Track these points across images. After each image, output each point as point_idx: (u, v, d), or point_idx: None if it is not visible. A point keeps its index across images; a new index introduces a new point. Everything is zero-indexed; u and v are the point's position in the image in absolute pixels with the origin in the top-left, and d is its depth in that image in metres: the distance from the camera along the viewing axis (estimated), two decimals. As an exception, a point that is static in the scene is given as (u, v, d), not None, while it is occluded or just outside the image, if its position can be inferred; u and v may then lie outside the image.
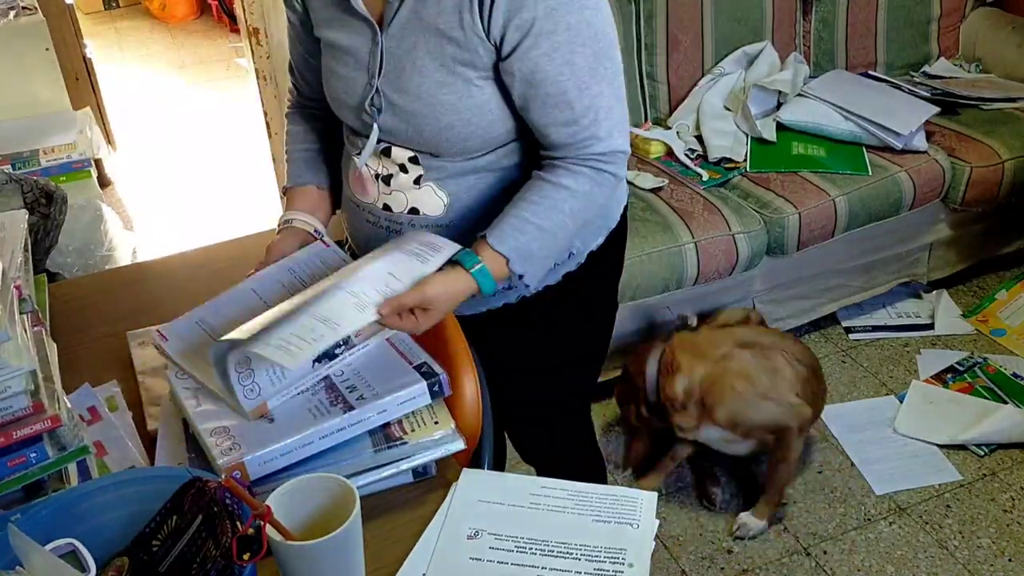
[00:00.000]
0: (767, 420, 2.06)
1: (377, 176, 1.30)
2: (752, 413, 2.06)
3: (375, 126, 1.25)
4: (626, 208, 1.47)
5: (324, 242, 1.34)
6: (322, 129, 1.44)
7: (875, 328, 2.79)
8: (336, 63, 1.27)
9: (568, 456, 1.72)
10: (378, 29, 1.21)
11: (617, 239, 1.46)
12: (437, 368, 1.11)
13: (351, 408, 1.06)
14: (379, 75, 1.22)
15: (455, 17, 1.15)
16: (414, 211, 1.30)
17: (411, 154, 1.26)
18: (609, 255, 1.46)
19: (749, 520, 2.12)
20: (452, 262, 1.18)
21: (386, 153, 1.28)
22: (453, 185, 1.27)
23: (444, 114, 1.20)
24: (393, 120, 1.24)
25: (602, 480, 1.81)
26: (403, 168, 1.28)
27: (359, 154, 1.30)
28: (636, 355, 2.22)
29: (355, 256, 1.35)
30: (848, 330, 2.79)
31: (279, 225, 1.37)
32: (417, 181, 1.27)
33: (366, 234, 1.37)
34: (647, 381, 2.14)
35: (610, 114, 1.20)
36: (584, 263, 1.40)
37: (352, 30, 1.23)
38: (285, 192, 1.43)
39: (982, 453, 2.31)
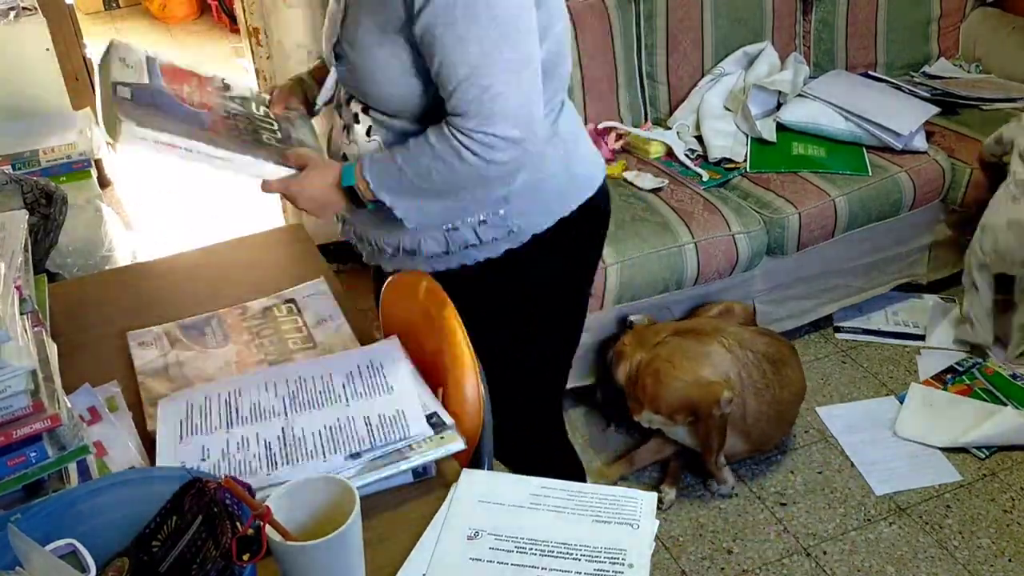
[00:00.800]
0: (678, 399, 2.12)
1: (344, 127, 1.40)
2: (666, 394, 2.12)
3: (333, 71, 1.38)
4: (597, 203, 1.48)
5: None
6: None
7: (866, 331, 2.79)
8: (328, 10, 1.39)
9: (537, 453, 1.70)
10: None
11: (577, 230, 1.46)
12: (447, 419, 1.13)
13: (358, 455, 1.08)
14: (342, 26, 1.32)
15: None
16: None
17: (362, 105, 1.36)
18: (565, 244, 1.46)
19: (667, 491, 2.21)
20: None
21: (347, 102, 1.39)
22: (395, 141, 1.33)
23: (376, 71, 1.28)
24: (344, 70, 1.35)
25: (580, 478, 1.80)
26: (356, 118, 1.37)
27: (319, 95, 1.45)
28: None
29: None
30: (837, 329, 2.79)
31: (293, 77, 1.55)
32: (368, 132, 1.36)
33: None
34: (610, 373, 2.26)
35: (500, 99, 1.21)
36: (530, 244, 1.41)
37: None
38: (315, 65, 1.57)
39: (983, 456, 2.31)
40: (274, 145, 1.36)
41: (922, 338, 2.75)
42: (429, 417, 1.13)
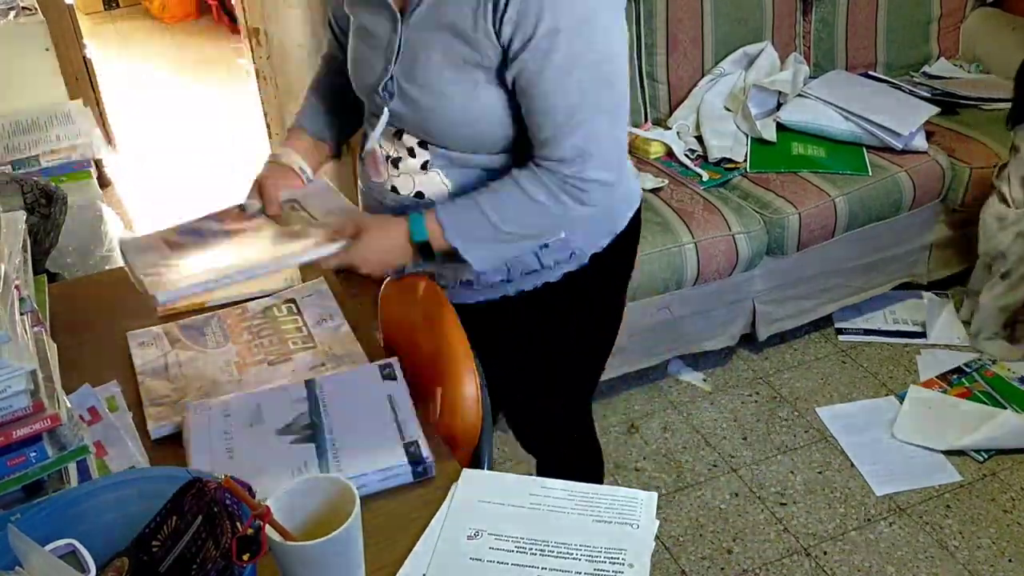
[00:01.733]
0: None
1: (388, 158, 1.33)
2: None
3: (386, 110, 1.28)
4: (638, 213, 1.49)
5: (305, 179, 1.39)
6: (343, 84, 1.42)
7: (867, 331, 2.79)
8: (359, 42, 1.30)
9: (566, 449, 1.73)
10: (399, 17, 1.22)
11: (625, 243, 1.47)
12: (426, 452, 1.12)
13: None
14: (395, 62, 1.24)
15: (471, 18, 1.16)
16: (419, 195, 1.32)
17: (419, 139, 1.29)
18: (616, 258, 1.46)
19: None
20: None
21: (397, 136, 1.31)
22: (458, 175, 1.29)
23: (449, 110, 1.22)
24: (402, 107, 1.26)
25: (599, 476, 1.82)
26: (411, 152, 1.30)
27: (372, 133, 1.33)
28: None
29: None
30: (839, 331, 2.78)
31: (267, 160, 1.41)
32: (424, 166, 1.30)
33: (381, 207, 1.39)
34: None
35: (596, 142, 1.19)
36: (588, 264, 1.41)
37: (377, 13, 1.25)
38: (289, 130, 1.48)
39: (981, 459, 2.30)
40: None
41: (923, 335, 2.76)
42: (408, 446, 1.13)
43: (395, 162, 1.32)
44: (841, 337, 2.76)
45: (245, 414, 1.18)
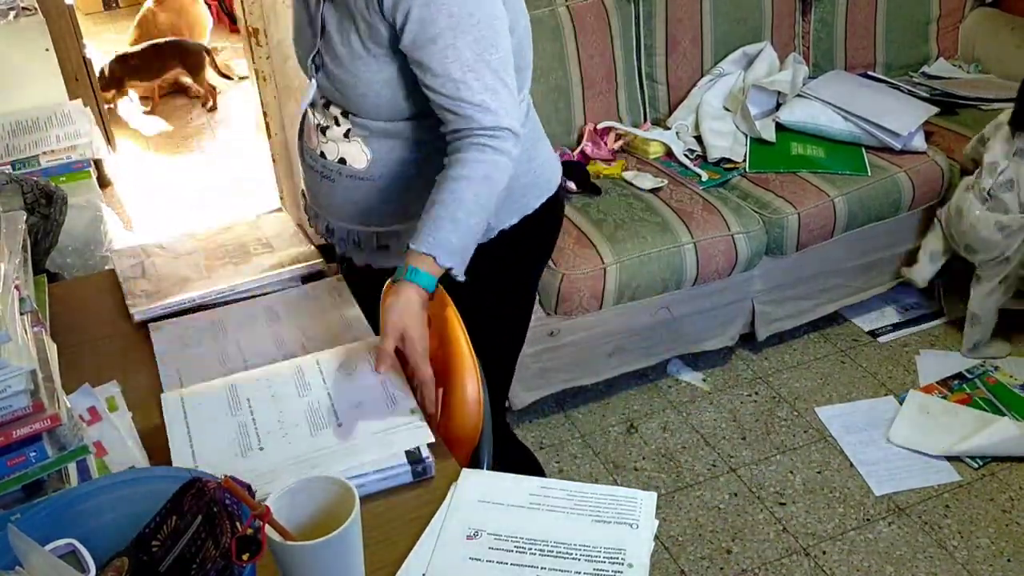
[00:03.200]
0: None
1: (318, 125, 1.43)
2: None
3: (313, 81, 1.39)
4: (555, 205, 1.54)
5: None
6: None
7: (896, 327, 2.80)
8: (298, 17, 1.42)
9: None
10: None
11: (538, 228, 1.53)
12: (425, 452, 1.12)
13: None
14: (320, 37, 1.35)
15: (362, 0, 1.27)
16: (342, 161, 1.41)
17: (343, 109, 1.38)
18: (526, 239, 1.52)
19: None
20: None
21: (326, 106, 1.41)
22: (376, 143, 1.38)
23: (359, 83, 1.32)
24: (325, 80, 1.37)
25: (539, 471, 1.85)
26: (336, 121, 1.40)
27: (304, 101, 1.44)
28: None
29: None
30: (873, 334, 2.78)
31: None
32: (347, 135, 1.39)
33: (307, 177, 1.51)
34: None
35: (496, 96, 1.26)
36: (496, 238, 1.47)
37: None
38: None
39: (976, 466, 2.29)
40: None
41: (941, 314, 2.82)
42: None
43: (323, 130, 1.42)
44: (881, 339, 2.76)
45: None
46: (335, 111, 1.39)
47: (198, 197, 3.75)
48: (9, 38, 2.82)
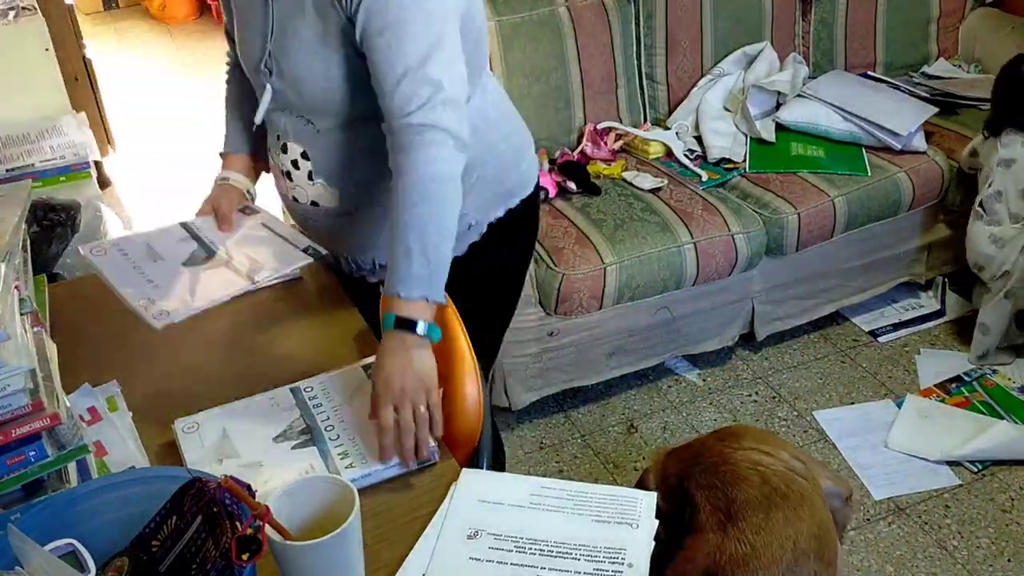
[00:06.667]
0: None
1: (284, 172, 1.40)
2: None
3: (268, 87, 1.34)
4: (534, 201, 1.56)
5: (250, 208, 1.47)
6: (251, 91, 1.46)
7: (896, 327, 2.80)
8: (240, 23, 1.36)
9: None
10: None
11: (523, 222, 1.55)
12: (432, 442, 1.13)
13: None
14: (271, 39, 1.30)
15: None
16: (315, 204, 1.40)
17: (301, 150, 1.35)
18: (515, 231, 1.54)
19: None
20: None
21: (283, 150, 1.38)
22: (339, 180, 1.36)
23: (318, 79, 1.27)
24: (281, 82, 1.32)
25: (501, 467, 1.87)
26: (295, 164, 1.37)
27: (259, 110, 1.38)
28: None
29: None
30: (873, 334, 2.78)
31: (216, 182, 1.49)
32: (310, 176, 1.37)
33: (292, 214, 1.50)
34: None
35: (438, 91, 1.20)
36: (487, 232, 1.47)
37: None
38: (222, 156, 1.54)
39: (975, 470, 2.29)
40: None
41: (942, 314, 2.82)
42: None
43: (287, 175, 1.39)
44: (881, 339, 2.76)
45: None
46: (294, 152, 1.36)
47: (199, 197, 3.75)
48: (9, 38, 2.82)
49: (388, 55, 1.19)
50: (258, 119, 1.38)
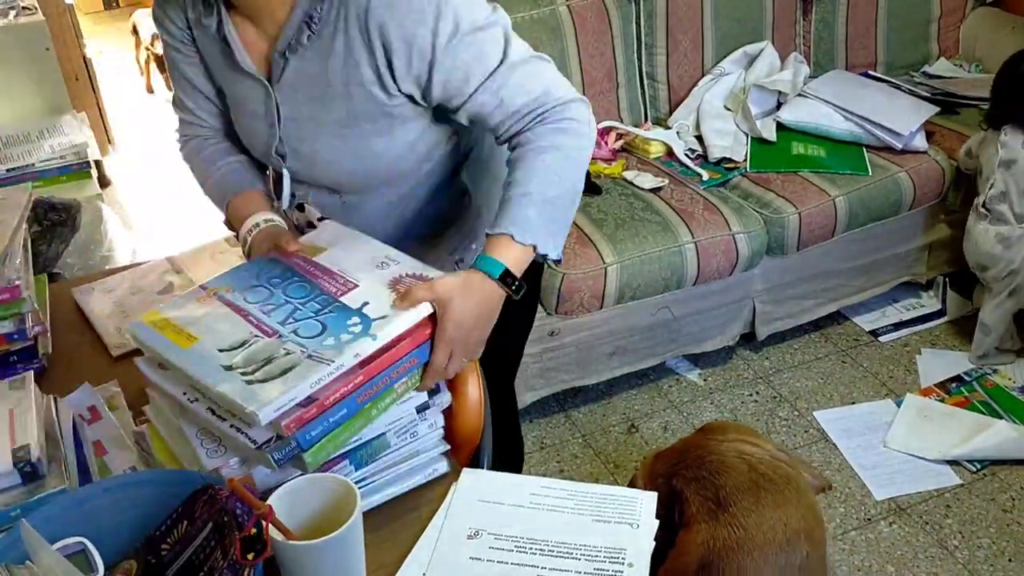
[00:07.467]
0: None
1: (298, 227, 1.33)
2: None
3: (285, 171, 1.28)
4: None
5: (312, 223, 1.31)
6: (232, 147, 1.39)
7: (897, 326, 2.80)
8: (239, 113, 1.30)
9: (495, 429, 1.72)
10: (269, 85, 1.22)
11: None
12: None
13: None
14: (279, 126, 1.25)
15: (351, 73, 1.16)
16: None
17: (319, 215, 1.30)
18: None
19: None
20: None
21: (299, 209, 1.32)
22: (364, 223, 1.26)
23: (344, 160, 1.23)
24: (298, 164, 1.27)
25: (519, 463, 1.88)
26: (311, 224, 1.30)
27: (280, 200, 1.31)
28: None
29: None
30: (874, 334, 2.78)
31: (247, 234, 1.26)
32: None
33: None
34: None
35: (539, 79, 1.19)
36: None
37: (246, 85, 1.24)
38: (228, 209, 1.34)
39: (974, 469, 2.29)
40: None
41: (943, 314, 2.82)
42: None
43: (300, 230, 1.32)
44: (882, 338, 2.76)
45: None
46: (312, 215, 1.29)
47: (199, 196, 3.75)
48: (9, 38, 2.82)
49: (473, 72, 1.15)
50: (284, 206, 1.30)
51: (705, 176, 2.62)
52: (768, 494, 1.60)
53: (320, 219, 1.29)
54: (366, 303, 1.04)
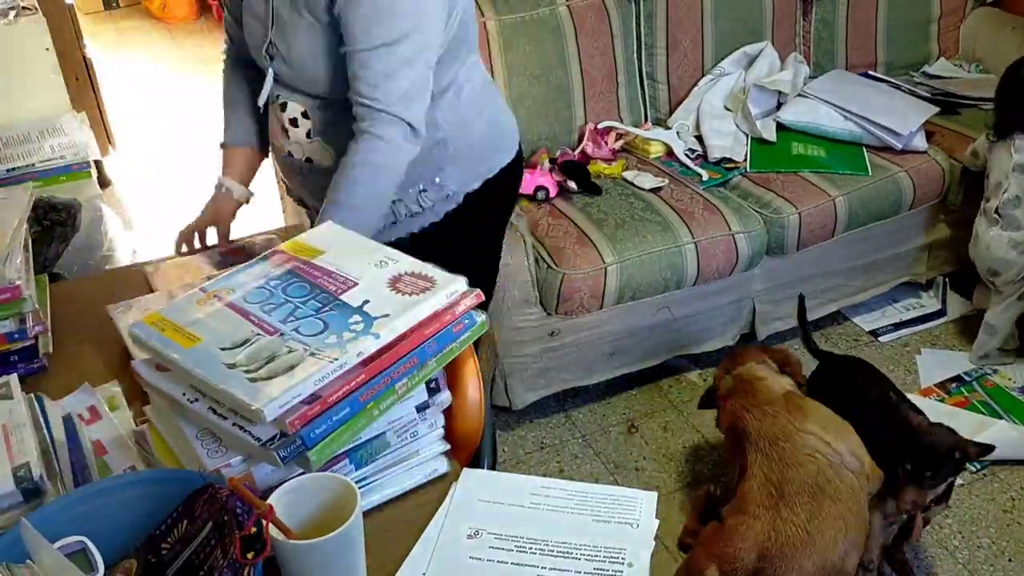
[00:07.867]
0: None
1: (282, 128, 1.51)
2: None
3: (270, 70, 1.47)
4: (514, 166, 1.67)
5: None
6: (252, 77, 1.60)
7: (897, 326, 2.80)
8: (247, 15, 1.49)
9: None
10: None
11: (501, 188, 1.66)
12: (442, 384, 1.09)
13: None
14: (271, 27, 1.44)
15: None
16: (309, 160, 1.52)
17: (302, 109, 1.47)
18: (491, 198, 1.64)
19: None
20: None
21: (282, 108, 1.49)
22: (337, 140, 1.45)
23: (316, 59, 1.40)
24: (282, 66, 1.45)
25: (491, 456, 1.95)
26: (295, 122, 1.48)
27: (262, 93, 1.51)
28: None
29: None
30: (874, 334, 2.78)
31: (216, 188, 1.64)
32: (308, 135, 1.48)
33: (282, 168, 1.62)
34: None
35: (393, 80, 1.35)
36: (463, 202, 1.59)
37: None
38: (222, 147, 1.67)
39: (974, 469, 2.29)
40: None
41: (943, 314, 2.82)
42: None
43: (285, 132, 1.50)
44: (882, 338, 2.76)
45: None
46: (293, 112, 1.47)
47: (200, 196, 3.75)
48: (9, 38, 2.82)
49: (355, 44, 1.33)
50: (261, 100, 1.50)
51: (705, 176, 2.62)
52: (831, 502, 1.68)
53: (303, 113, 1.47)
54: (367, 301, 1.04)
